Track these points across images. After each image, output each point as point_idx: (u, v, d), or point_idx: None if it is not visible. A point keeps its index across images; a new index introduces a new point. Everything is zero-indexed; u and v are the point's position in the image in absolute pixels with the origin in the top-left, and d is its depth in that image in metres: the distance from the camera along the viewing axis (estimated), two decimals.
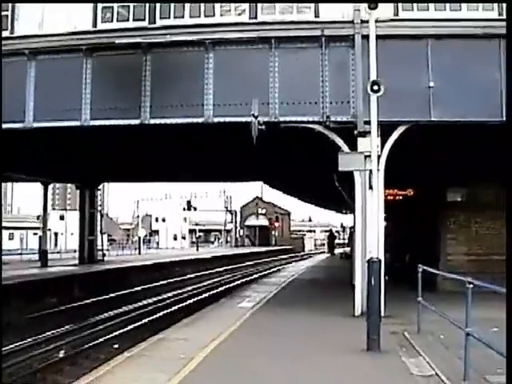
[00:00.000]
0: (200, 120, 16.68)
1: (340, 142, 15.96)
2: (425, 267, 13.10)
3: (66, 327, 19.29)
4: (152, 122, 17.01)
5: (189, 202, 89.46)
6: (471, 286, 8.64)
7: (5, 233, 76.82)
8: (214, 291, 32.88)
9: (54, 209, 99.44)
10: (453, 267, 19.18)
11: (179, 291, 32.38)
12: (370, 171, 13.21)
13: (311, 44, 16.23)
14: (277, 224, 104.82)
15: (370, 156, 13.92)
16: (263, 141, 15.57)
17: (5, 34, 17.91)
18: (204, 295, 30.78)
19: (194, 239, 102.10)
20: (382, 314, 12.83)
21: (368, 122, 15.03)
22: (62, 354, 16.12)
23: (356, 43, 15.61)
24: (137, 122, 17.07)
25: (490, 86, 15.65)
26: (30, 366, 14.59)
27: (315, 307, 17.22)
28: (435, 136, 17.42)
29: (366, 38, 15.35)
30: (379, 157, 14.47)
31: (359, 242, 15.75)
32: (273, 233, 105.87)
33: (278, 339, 12.55)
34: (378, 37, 13.99)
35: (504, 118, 15.11)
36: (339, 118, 16.02)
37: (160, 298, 29.06)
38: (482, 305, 8.70)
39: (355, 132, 15.58)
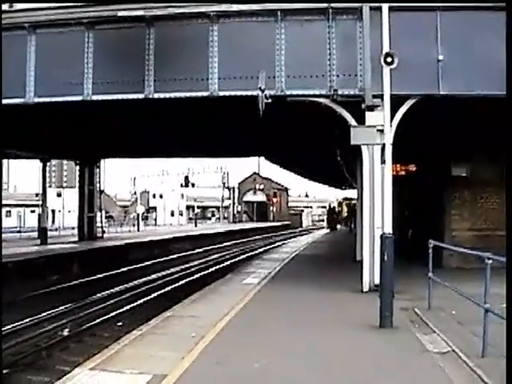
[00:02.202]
0: (205, 94, 16.41)
1: (347, 115, 15.72)
2: (436, 243, 12.96)
3: (70, 305, 19.19)
4: (156, 96, 16.73)
5: (186, 178, 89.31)
6: (490, 261, 8.49)
7: (2, 210, 76.86)
8: (217, 267, 32.91)
9: (50, 186, 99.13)
10: (458, 243, 19.06)
11: (182, 267, 32.38)
12: (383, 145, 12.98)
13: (318, 16, 15.92)
14: (275, 200, 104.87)
15: (382, 130, 13.70)
16: (268, 115, 15.33)
17: (4, 7, 17.60)
18: (207, 271, 30.81)
19: (192, 215, 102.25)
20: None
21: (376, 96, 14.86)
22: (66, 331, 16.02)
23: (364, 15, 15.29)
24: (141, 96, 16.79)
25: (498, 59, 15.38)
26: (36, 345, 14.49)
27: (322, 283, 17.13)
28: (440, 110, 17.20)
29: (373, 9, 15.13)
30: None
31: (367, 217, 15.58)
32: (271, 209, 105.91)
33: (288, 316, 12.43)
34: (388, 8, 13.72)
35: None
36: (346, 92, 15.77)
37: (164, 273, 29.05)
38: (490, 280, 8.51)
39: (363, 106, 15.35)
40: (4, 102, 17.61)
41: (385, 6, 13.37)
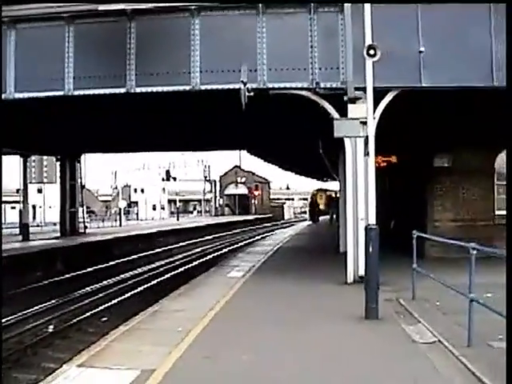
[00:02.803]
0: (187, 88, 16.35)
1: (330, 108, 15.75)
2: (420, 233, 13.04)
3: (54, 301, 19.14)
4: (138, 90, 16.63)
5: (167, 172, 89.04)
6: (475, 251, 8.55)
7: None
8: (201, 260, 32.97)
9: (30, 182, 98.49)
10: (440, 233, 19.20)
11: (166, 261, 32.40)
12: (367, 137, 13.04)
13: (299, 9, 15.91)
14: (256, 193, 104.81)
15: (365, 122, 13.74)
16: (250, 108, 15.32)
17: None
18: (191, 264, 30.90)
19: (173, 209, 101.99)
20: None
21: (358, 88, 14.87)
22: (51, 328, 15.97)
23: (345, 8, 15.29)
24: (122, 90, 16.70)
25: (480, 50, 15.52)
26: (21, 342, 14.44)
27: (306, 275, 17.18)
28: (422, 101, 17.29)
29: (355, 2, 15.13)
30: None
31: (350, 209, 15.64)
32: (252, 201, 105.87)
33: (273, 309, 12.46)
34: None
35: (494, 84, 15.03)
36: (329, 85, 15.78)
37: (149, 267, 29.07)
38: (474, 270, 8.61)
39: (345, 98, 15.38)
40: None
41: None
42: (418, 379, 7.43)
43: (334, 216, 42.00)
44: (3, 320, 16.19)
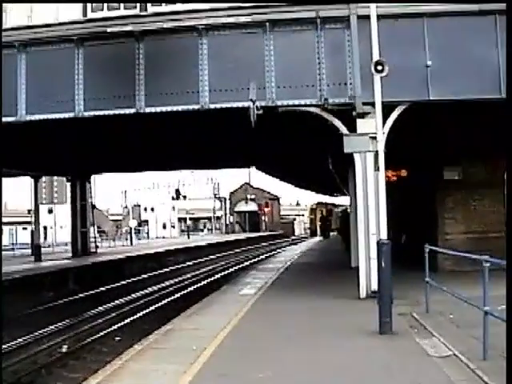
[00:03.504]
0: (196, 107, 16.49)
1: (339, 124, 15.81)
2: (432, 247, 13.04)
3: (67, 321, 19.17)
4: (148, 110, 16.80)
5: (177, 191, 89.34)
6: (488, 264, 8.55)
7: None
8: (212, 278, 32.97)
9: (41, 202, 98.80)
10: (452, 246, 19.14)
11: (178, 279, 32.42)
12: (376, 152, 13.10)
13: (306, 26, 16.04)
14: (266, 209, 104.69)
15: (374, 137, 13.80)
16: (258, 125, 15.41)
17: None
18: (203, 282, 30.91)
19: (184, 227, 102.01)
20: None
21: (366, 103, 14.97)
22: (65, 348, 15.99)
23: (352, 24, 15.42)
24: (132, 110, 16.86)
25: (487, 63, 15.57)
26: (35, 362, 14.48)
27: (318, 291, 17.15)
28: (430, 115, 17.35)
29: (361, 18, 15.25)
30: None
31: (362, 224, 15.64)
32: (263, 218, 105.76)
33: (287, 325, 12.46)
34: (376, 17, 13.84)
35: (502, 95, 15.03)
36: (337, 100, 15.86)
37: (160, 286, 29.10)
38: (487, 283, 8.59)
39: (353, 114, 15.44)
40: None
41: (373, 14, 13.46)
42: None
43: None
44: (19, 340, 16.28)
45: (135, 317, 20.12)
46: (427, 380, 8.05)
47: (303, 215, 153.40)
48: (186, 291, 27.12)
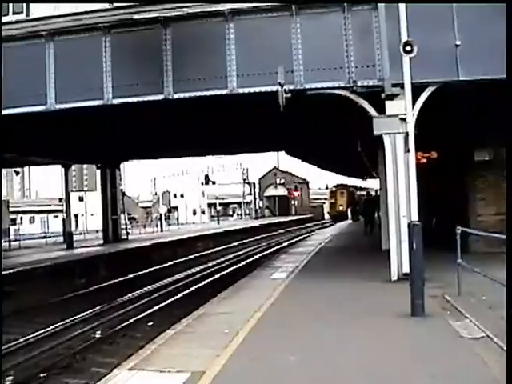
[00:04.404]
0: (224, 92, 16.49)
1: (367, 106, 15.70)
2: (463, 228, 12.93)
3: (100, 307, 19.39)
4: (176, 96, 16.84)
5: (206, 177, 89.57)
6: None
7: (25, 217, 77.80)
8: (244, 262, 33.14)
9: (72, 190, 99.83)
10: (483, 227, 18.97)
11: (210, 264, 32.62)
12: (406, 134, 13.01)
13: (333, 8, 15.93)
14: (296, 193, 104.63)
15: (404, 119, 13.69)
16: (287, 109, 15.37)
17: (21, 16, 17.83)
18: (235, 266, 31.20)
19: (213, 213, 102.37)
20: None
21: (395, 85, 14.84)
22: (98, 333, 16.18)
23: (379, 5, 15.26)
24: (160, 97, 16.92)
25: None
26: (70, 347, 14.69)
27: (349, 274, 17.12)
28: (460, 95, 17.13)
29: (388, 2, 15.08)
30: None
31: (392, 206, 15.56)
32: (292, 202, 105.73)
33: (319, 309, 12.46)
34: None
35: None
36: (366, 83, 15.76)
37: (193, 270, 29.33)
38: None
39: (382, 95, 15.32)
40: (26, 110, 17.94)
41: None
42: (467, 374, 7.41)
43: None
44: (54, 326, 16.52)
45: (167, 302, 20.28)
46: (460, 361, 8.02)
47: None
48: (218, 275, 27.30)
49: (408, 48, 12.15)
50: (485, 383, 6.95)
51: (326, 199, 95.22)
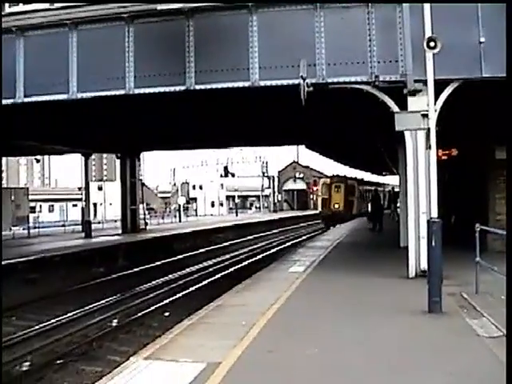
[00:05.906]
0: (246, 84, 16.45)
1: (389, 101, 15.60)
2: (483, 227, 12.85)
3: (117, 296, 19.52)
4: (198, 87, 16.81)
5: (225, 168, 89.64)
6: None
7: (45, 205, 78.32)
8: (261, 255, 33.24)
9: (91, 180, 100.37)
10: (502, 226, 18.80)
11: (227, 256, 32.73)
12: (428, 130, 12.94)
13: (357, 3, 15.82)
14: (315, 188, 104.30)
15: (425, 115, 13.62)
16: (308, 102, 15.33)
17: (44, 5, 17.87)
18: (252, 259, 31.32)
19: (232, 205, 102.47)
20: None
21: (418, 81, 14.75)
22: (115, 322, 16.30)
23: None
24: (182, 88, 16.91)
25: None
26: (86, 335, 14.81)
27: (367, 270, 17.09)
28: (482, 92, 16.99)
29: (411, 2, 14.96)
30: None
31: (412, 203, 15.49)
32: (311, 196, 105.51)
33: (335, 303, 12.47)
34: None
35: None
36: (388, 78, 15.65)
37: (210, 262, 29.40)
38: None
39: (405, 91, 15.22)
40: (48, 98, 18.02)
41: None
42: (484, 373, 7.38)
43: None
44: (69, 314, 16.65)
45: (184, 293, 20.37)
46: (476, 360, 7.99)
47: None
48: (235, 268, 27.38)
49: (432, 44, 12.09)
50: (501, 382, 6.90)
51: (317, 195, 69.26)
